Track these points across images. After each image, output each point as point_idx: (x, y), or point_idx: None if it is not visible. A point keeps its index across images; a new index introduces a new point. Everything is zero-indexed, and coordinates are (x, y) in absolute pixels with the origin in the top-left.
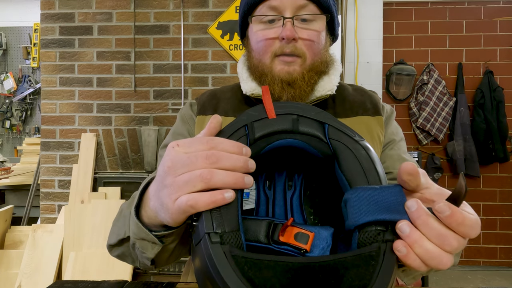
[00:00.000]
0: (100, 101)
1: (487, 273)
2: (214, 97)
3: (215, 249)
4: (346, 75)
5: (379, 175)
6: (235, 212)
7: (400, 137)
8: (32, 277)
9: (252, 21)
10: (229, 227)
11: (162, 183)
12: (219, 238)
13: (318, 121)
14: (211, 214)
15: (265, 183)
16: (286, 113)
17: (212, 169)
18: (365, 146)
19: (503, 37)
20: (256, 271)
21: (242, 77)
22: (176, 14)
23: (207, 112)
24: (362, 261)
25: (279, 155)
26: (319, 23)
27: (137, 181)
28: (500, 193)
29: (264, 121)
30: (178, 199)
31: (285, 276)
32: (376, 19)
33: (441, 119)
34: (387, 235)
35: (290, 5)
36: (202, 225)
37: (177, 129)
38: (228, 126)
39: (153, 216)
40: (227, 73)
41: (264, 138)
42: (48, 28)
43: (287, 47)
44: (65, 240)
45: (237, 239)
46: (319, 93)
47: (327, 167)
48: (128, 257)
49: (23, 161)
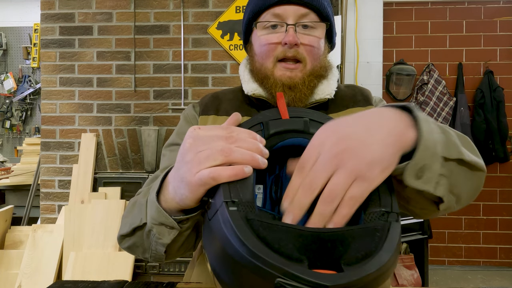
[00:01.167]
0: (100, 101)
1: (487, 273)
2: (216, 98)
3: (233, 214)
4: (346, 75)
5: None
6: (250, 187)
7: None
8: (32, 277)
9: (257, 26)
10: (245, 198)
11: (183, 160)
12: (236, 206)
13: None
14: (229, 186)
15: (272, 188)
16: (298, 116)
17: (232, 146)
18: None
19: (503, 37)
20: (270, 232)
21: (244, 79)
22: (176, 14)
23: (209, 112)
24: (368, 233)
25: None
26: (319, 30)
27: (137, 181)
28: (500, 193)
29: (279, 121)
30: (200, 172)
31: (297, 240)
32: (376, 19)
33: (441, 119)
34: (391, 217)
35: (292, 13)
36: (220, 196)
37: (181, 128)
38: (245, 123)
39: (171, 199)
40: (227, 73)
41: (277, 135)
42: (48, 28)
43: (289, 52)
44: (65, 240)
45: (252, 209)
46: (318, 96)
47: None
48: (139, 248)
49: (23, 161)
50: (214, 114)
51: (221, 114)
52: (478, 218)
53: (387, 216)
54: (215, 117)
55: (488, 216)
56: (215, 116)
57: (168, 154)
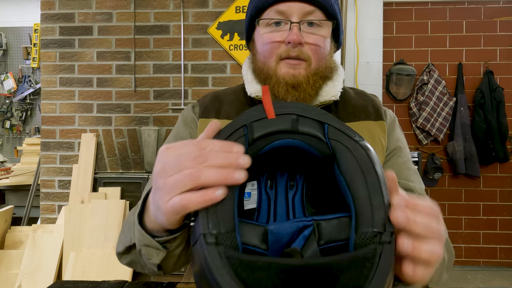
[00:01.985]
0: (100, 101)
1: (487, 273)
2: (217, 99)
3: (210, 250)
4: (346, 75)
5: (378, 176)
6: (231, 212)
7: (405, 143)
8: (32, 277)
9: (259, 24)
10: (224, 227)
11: (155, 186)
12: (214, 239)
13: (318, 121)
14: (207, 213)
15: (266, 183)
16: (285, 113)
17: (201, 167)
18: (364, 146)
19: (503, 37)
20: (249, 272)
21: (247, 79)
22: (176, 14)
23: (209, 115)
24: (357, 263)
25: (280, 155)
26: (325, 29)
27: (137, 181)
28: (500, 193)
29: (264, 121)
30: (171, 200)
31: (279, 278)
32: (376, 19)
33: (441, 119)
34: (384, 237)
35: (297, 10)
36: (199, 225)
37: (179, 132)
38: (228, 126)
39: (154, 221)
40: (227, 73)
41: (263, 138)
42: (48, 28)
43: (293, 51)
44: (65, 240)
45: (232, 240)
46: (323, 98)
47: (327, 168)
48: (137, 264)
49: (23, 161)
50: (214, 117)
51: (222, 117)
52: (478, 218)
53: (380, 237)
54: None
55: (488, 216)
56: (216, 120)
57: None
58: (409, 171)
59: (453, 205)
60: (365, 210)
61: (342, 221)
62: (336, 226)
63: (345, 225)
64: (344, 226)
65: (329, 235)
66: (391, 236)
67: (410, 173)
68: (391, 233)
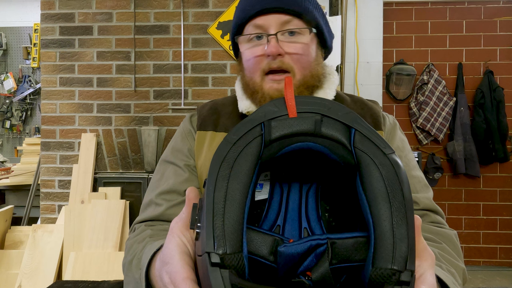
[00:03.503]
0: (100, 101)
1: (487, 273)
2: (215, 111)
3: (214, 272)
4: (346, 75)
5: (405, 201)
6: (239, 225)
7: (407, 150)
8: (32, 277)
9: (239, 41)
10: (231, 248)
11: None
12: (219, 260)
13: (344, 123)
14: (213, 227)
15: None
16: (309, 111)
17: None
18: (394, 161)
19: (503, 37)
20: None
21: (238, 95)
22: (176, 14)
23: (207, 128)
24: None
25: (297, 157)
26: (306, 36)
27: (137, 181)
28: (500, 193)
29: (283, 119)
30: None
31: None
32: (376, 19)
33: (441, 119)
34: (404, 277)
35: (274, 22)
36: (203, 240)
37: (176, 145)
38: (243, 123)
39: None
40: (227, 73)
41: (281, 140)
42: (48, 28)
43: (274, 63)
44: (65, 240)
45: (238, 262)
46: None
47: (348, 176)
48: None
49: (23, 161)
50: (212, 130)
51: (220, 130)
52: (478, 218)
53: (398, 276)
54: (213, 134)
55: (488, 216)
56: (214, 133)
57: (161, 170)
58: (413, 179)
59: (453, 205)
60: (386, 243)
61: (358, 241)
62: (351, 246)
63: (362, 246)
64: (360, 247)
65: (343, 255)
66: (411, 276)
67: (414, 182)
68: (412, 273)
